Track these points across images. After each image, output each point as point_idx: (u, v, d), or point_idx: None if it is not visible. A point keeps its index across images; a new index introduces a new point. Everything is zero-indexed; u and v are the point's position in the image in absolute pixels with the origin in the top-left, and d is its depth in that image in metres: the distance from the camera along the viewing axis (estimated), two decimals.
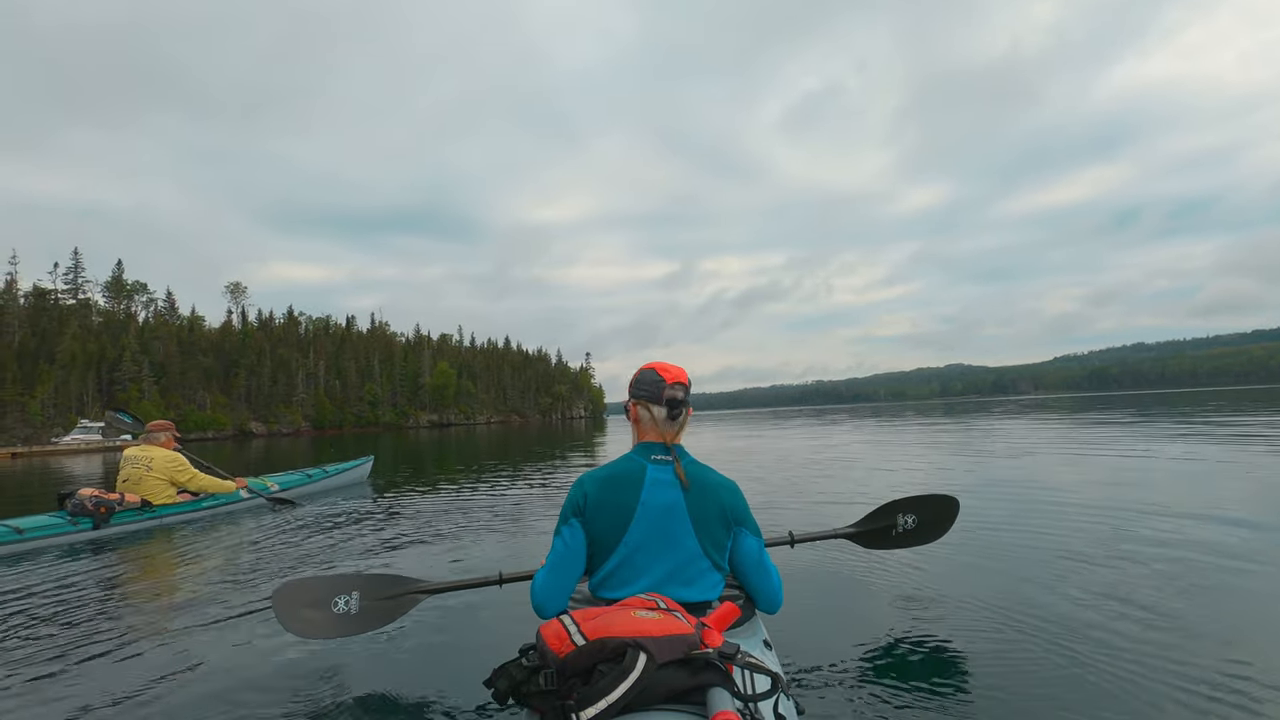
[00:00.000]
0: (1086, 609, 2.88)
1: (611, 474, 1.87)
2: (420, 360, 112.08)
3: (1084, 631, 2.62)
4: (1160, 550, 3.81)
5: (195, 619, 3.22)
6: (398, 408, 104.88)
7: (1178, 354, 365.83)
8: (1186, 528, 4.36)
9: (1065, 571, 3.46)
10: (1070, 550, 3.88)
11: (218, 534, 5.53)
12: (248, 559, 4.54)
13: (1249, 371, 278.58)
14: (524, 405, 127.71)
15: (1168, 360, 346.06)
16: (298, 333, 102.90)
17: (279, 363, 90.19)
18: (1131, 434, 13.10)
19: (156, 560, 4.81)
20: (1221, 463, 7.84)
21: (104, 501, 5.49)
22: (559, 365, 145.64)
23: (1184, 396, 50.06)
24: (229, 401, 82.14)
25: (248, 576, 4.04)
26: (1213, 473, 7.10)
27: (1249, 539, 4.03)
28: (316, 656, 2.62)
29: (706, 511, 1.83)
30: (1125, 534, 4.23)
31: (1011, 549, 3.99)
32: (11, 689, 2.47)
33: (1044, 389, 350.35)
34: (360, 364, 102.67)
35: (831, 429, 22.50)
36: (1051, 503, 5.56)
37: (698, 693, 1.28)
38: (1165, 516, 4.69)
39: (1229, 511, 4.82)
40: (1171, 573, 3.37)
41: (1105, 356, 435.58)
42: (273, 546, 4.94)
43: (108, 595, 3.81)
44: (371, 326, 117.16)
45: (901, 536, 3.05)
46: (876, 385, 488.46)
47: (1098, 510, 5.04)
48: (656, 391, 1.92)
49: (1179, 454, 8.86)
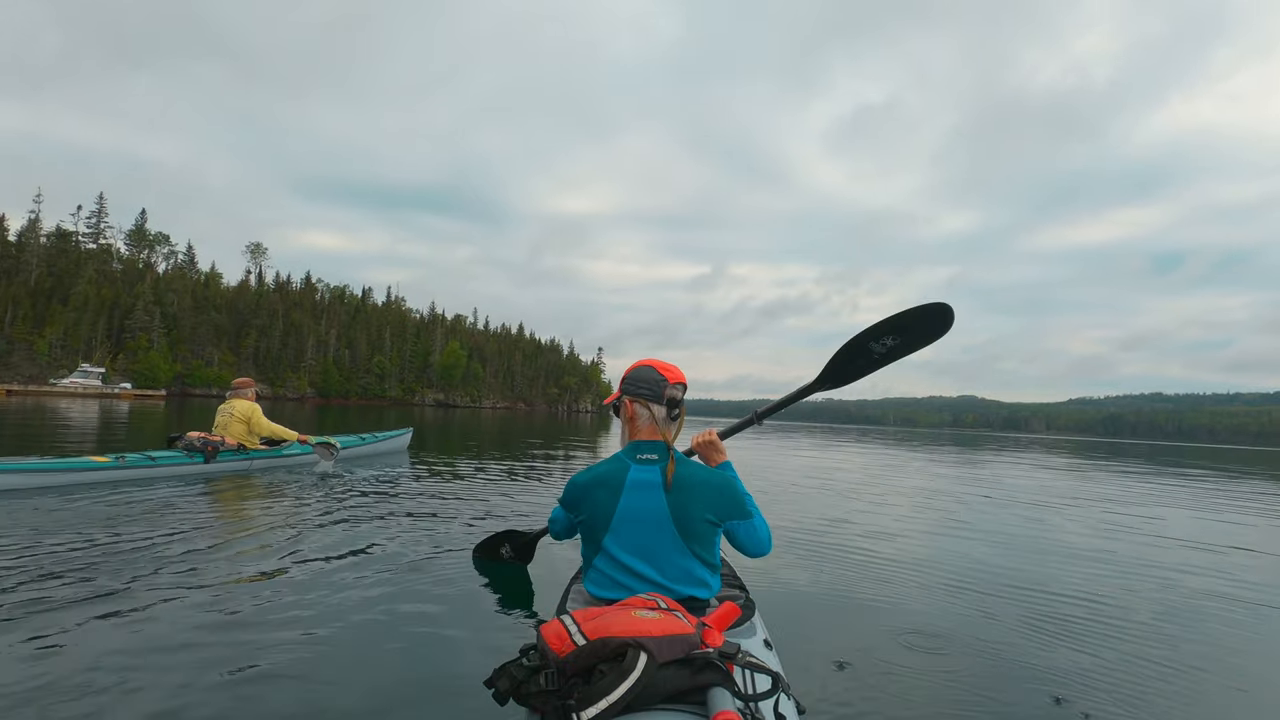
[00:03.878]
0: (1083, 608, 3.21)
1: (595, 476, 1.92)
2: (432, 338, 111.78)
3: (1082, 631, 2.88)
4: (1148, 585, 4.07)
5: (255, 556, 3.70)
6: (404, 383, 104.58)
7: (1196, 408, 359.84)
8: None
9: (1062, 578, 3.77)
10: (1070, 560, 4.31)
11: (295, 479, 6.67)
12: (310, 501, 5.47)
13: (1265, 432, 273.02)
14: (531, 393, 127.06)
15: (1185, 413, 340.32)
16: (313, 299, 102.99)
17: (291, 326, 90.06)
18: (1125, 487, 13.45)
19: (247, 493, 5.89)
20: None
21: (210, 441, 6.74)
22: (570, 357, 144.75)
23: (1194, 450, 51.86)
24: (237, 360, 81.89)
25: (317, 519, 4.71)
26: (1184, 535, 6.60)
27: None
28: (317, 654, 2.55)
29: (691, 511, 1.82)
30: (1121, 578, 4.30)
31: (1010, 561, 4.20)
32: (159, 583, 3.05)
33: (1055, 430, 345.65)
34: (372, 336, 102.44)
35: (835, 449, 22.02)
36: (1045, 538, 5.63)
37: (698, 692, 1.28)
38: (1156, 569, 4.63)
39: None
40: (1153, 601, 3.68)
41: (1122, 403, 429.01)
42: (333, 493, 5.92)
43: (217, 516, 4.81)
44: (387, 300, 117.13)
45: (881, 358, 2.57)
46: (887, 409, 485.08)
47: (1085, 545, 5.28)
48: (657, 390, 1.93)
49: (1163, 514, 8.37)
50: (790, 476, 10.25)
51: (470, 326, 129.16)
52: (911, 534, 5.00)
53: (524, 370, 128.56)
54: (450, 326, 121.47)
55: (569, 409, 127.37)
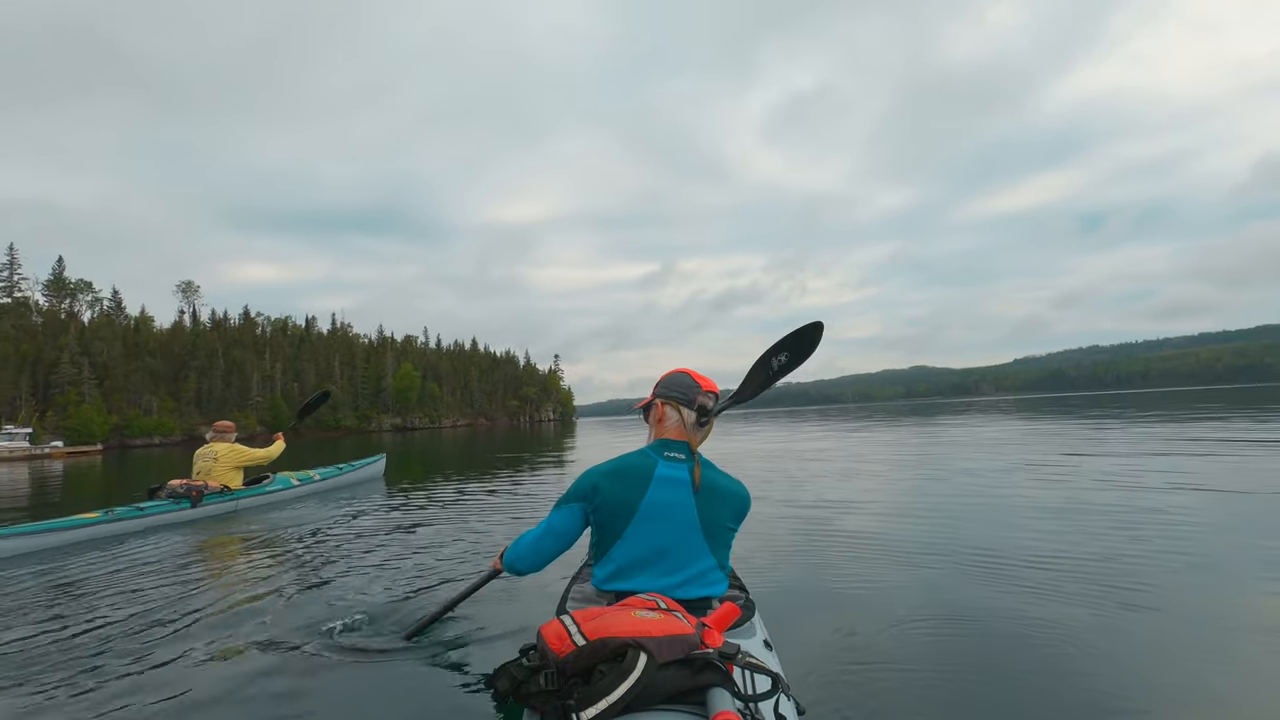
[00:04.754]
0: (1080, 608, 2.93)
1: (620, 467, 1.90)
2: (383, 362, 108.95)
3: (1079, 630, 2.66)
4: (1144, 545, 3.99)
5: (252, 581, 4.01)
6: (359, 411, 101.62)
7: (1130, 356, 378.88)
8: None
9: (1058, 574, 3.46)
10: (1055, 553, 3.93)
11: (282, 515, 6.90)
12: (303, 534, 5.66)
13: (1195, 373, 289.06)
14: (491, 408, 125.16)
15: (1120, 362, 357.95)
16: (254, 333, 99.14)
17: (233, 364, 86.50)
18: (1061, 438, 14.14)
19: (238, 532, 5.94)
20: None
21: (194, 487, 6.80)
22: (528, 367, 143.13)
23: (1129, 398, 53.29)
24: (177, 405, 78.27)
25: (301, 549, 4.99)
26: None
27: None
28: (319, 654, 2.66)
29: (716, 514, 1.85)
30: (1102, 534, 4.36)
31: (1005, 555, 3.94)
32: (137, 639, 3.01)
33: (1004, 390, 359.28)
34: (320, 366, 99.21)
35: (797, 431, 22.33)
36: (1029, 509, 5.43)
37: (698, 693, 1.28)
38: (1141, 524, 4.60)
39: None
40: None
41: (1063, 359, 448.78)
42: (321, 525, 6.10)
43: (204, 561, 4.86)
44: (333, 328, 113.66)
45: (777, 372, 2.68)
46: (844, 387, 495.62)
47: (1067, 513, 5.14)
48: (690, 395, 1.96)
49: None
50: (772, 465, 10.14)
51: (422, 347, 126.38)
52: (907, 528, 4.81)
53: (481, 385, 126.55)
54: (401, 349, 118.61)
55: (531, 419, 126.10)
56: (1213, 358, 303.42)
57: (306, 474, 8.67)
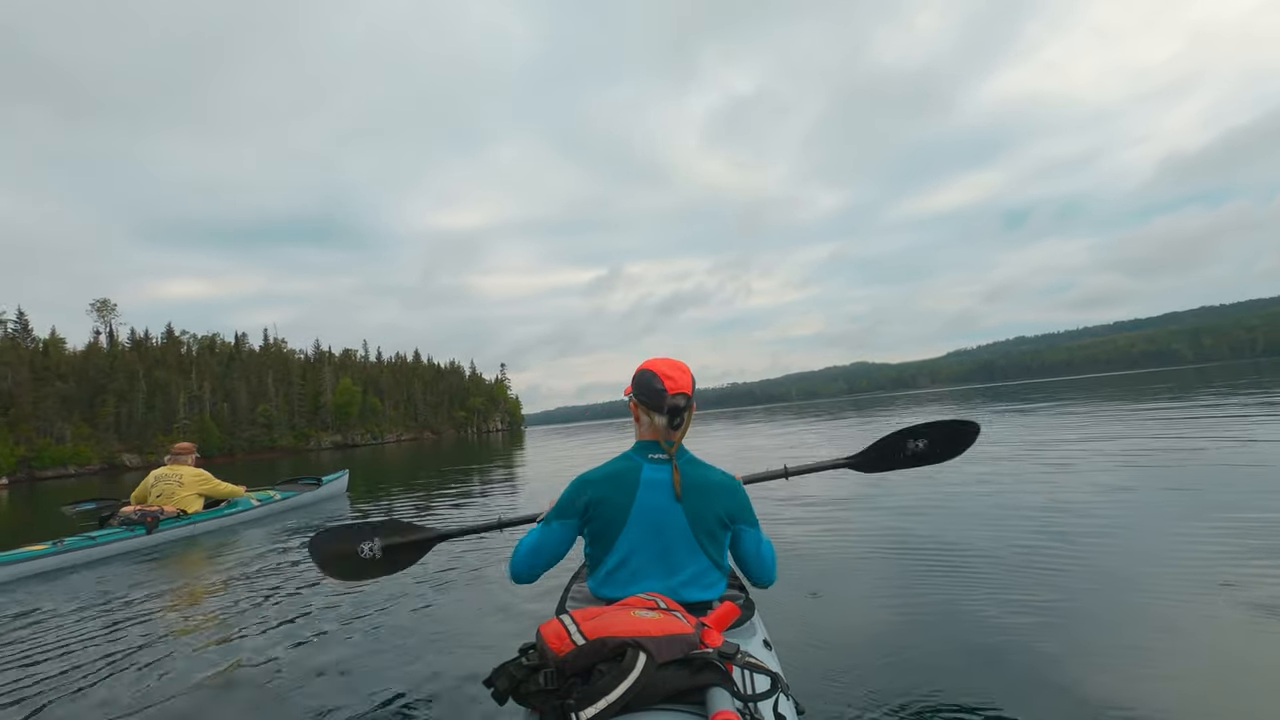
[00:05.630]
0: (1078, 604, 2.90)
1: (608, 474, 1.88)
2: (321, 378, 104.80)
3: (1077, 628, 2.64)
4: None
5: (225, 608, 3.86)
6: (296, 429, 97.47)
7: (1053, 346, 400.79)
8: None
9: (1058, 575, 3.36)
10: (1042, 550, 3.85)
11: (243, 538, 6.59)
12: (266, 557, 5.44)
13: (1112, 359, 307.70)
14: (436, 421, 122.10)
15: (1045, 352, 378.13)
16: (179, 352, 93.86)
17: (155, 386, 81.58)
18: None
19: (199, 559, 5.72)
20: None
21: (150, 513, 6.52)
22: (473, 377, 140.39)
23: (1051, 385, 56.69)
24: (94, 432, 73.26)
25: (269, 571, 4.82)
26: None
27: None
28: (318, 650, 2.71)
29: (704, 513, 1.82)
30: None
31: (1006, 555, 3.83)
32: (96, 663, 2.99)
33: (939, 383, 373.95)
34: (252, 384, 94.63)
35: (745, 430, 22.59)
36: (1002, 506, 5.30)
37: (697, 693, 1.28)
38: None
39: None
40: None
41: (992, 350, 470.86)
42: (285, 547, 5.89)
43: (166, 589, 4.59)
44: (266, 344, 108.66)
45: (910, 458, 2.80)
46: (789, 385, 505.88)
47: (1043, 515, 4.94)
48: (658, 401, 1.88)
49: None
50: (754, 467, 10.16)
51: (362, 360, 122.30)
52: (906, 528, 4.72)
53: (426, 398, 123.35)
54: (340, 363, 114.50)
55: (479, 430, 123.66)
56: (1127, 344, 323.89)
57: (267, 494, 8.36)
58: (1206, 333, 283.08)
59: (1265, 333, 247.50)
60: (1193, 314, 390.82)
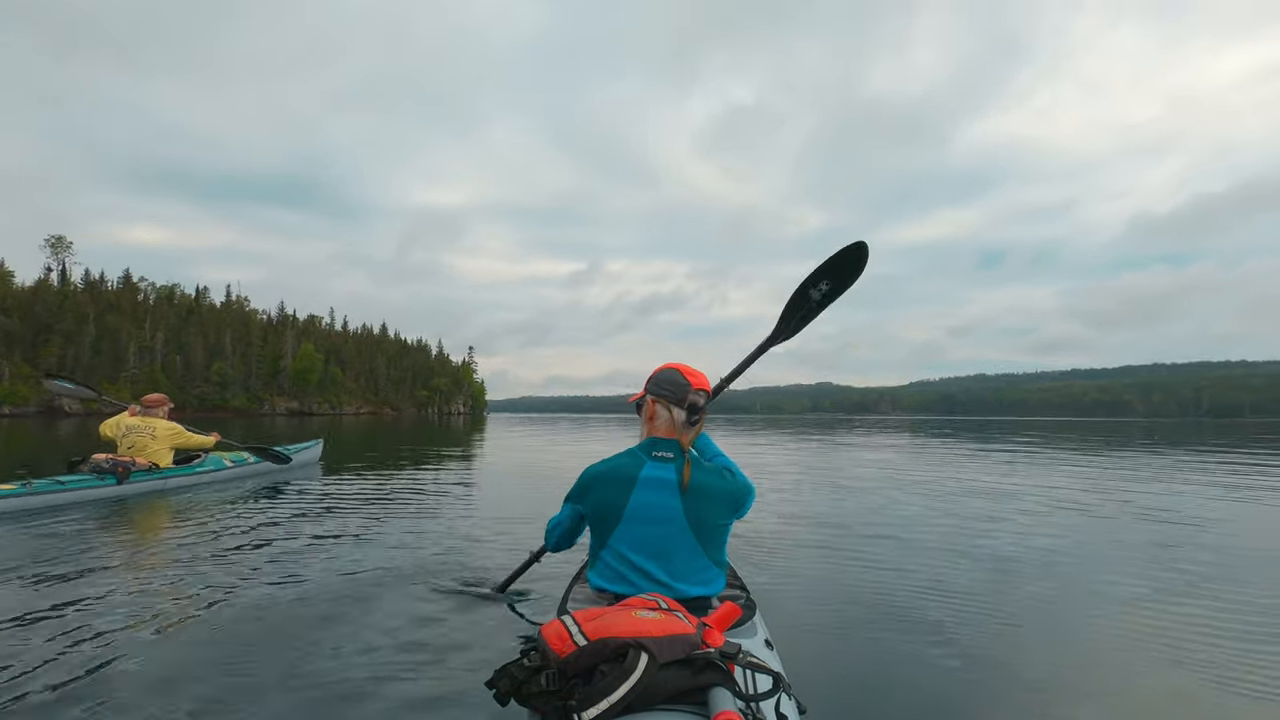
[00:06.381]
0: (1083, 608, 3.05)
1: (608, 470, 1.92)
2: (283, 341, 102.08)
3: (1076, 624, 2.80)
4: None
5: (202, 571, 3.62)
6: (251, 391, 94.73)
7: (1012, 385, 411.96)
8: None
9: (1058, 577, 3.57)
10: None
11: (216, 496, 6.54)
12: (241, 517, 5.35)
13: (1065, 404, 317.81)
14: (398, 397, 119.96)
15: (1004, 390, 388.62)
16: (135, 299, 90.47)
17: (106, 331, 78.41)
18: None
19: (169, 515, 5.50)
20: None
21: (121, 463, 6.34)
22: (440, 357, 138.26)
23: (1007, 423, 59.27)
24: (34, 373, 69.96)
25: (241, 532, 4.70)
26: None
27: None
28: (314, 647, 2.59)
29: (706, 512, 1.85)
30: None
31: (996, 554, 4.02)
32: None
33: (901, 410, 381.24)
34: (209, 340, 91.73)
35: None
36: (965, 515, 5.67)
37: (699, 693, 1.28)
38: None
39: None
40: None
41: (954, 384, 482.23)
42: (260, 509, 5.82)
43: (137, 541, 4.54)
44: (227, 300, 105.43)
45: (820, 303, 2.68)
46: (754, 399, 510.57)
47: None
48: (680, 394, 1.94)
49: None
50: (769, 472, 10.08)
51: (327, 328, 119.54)
52: (907, 530, 4.87)
53: (389, 373, 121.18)
54: (303, 328, 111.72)
55: (440, 412, 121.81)
56: (1081, 392, 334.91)
57: (240, 455, 8.31)
58: (1158, 388, 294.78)
59: (1211, 394, 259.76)
60: (1147, 369, 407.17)
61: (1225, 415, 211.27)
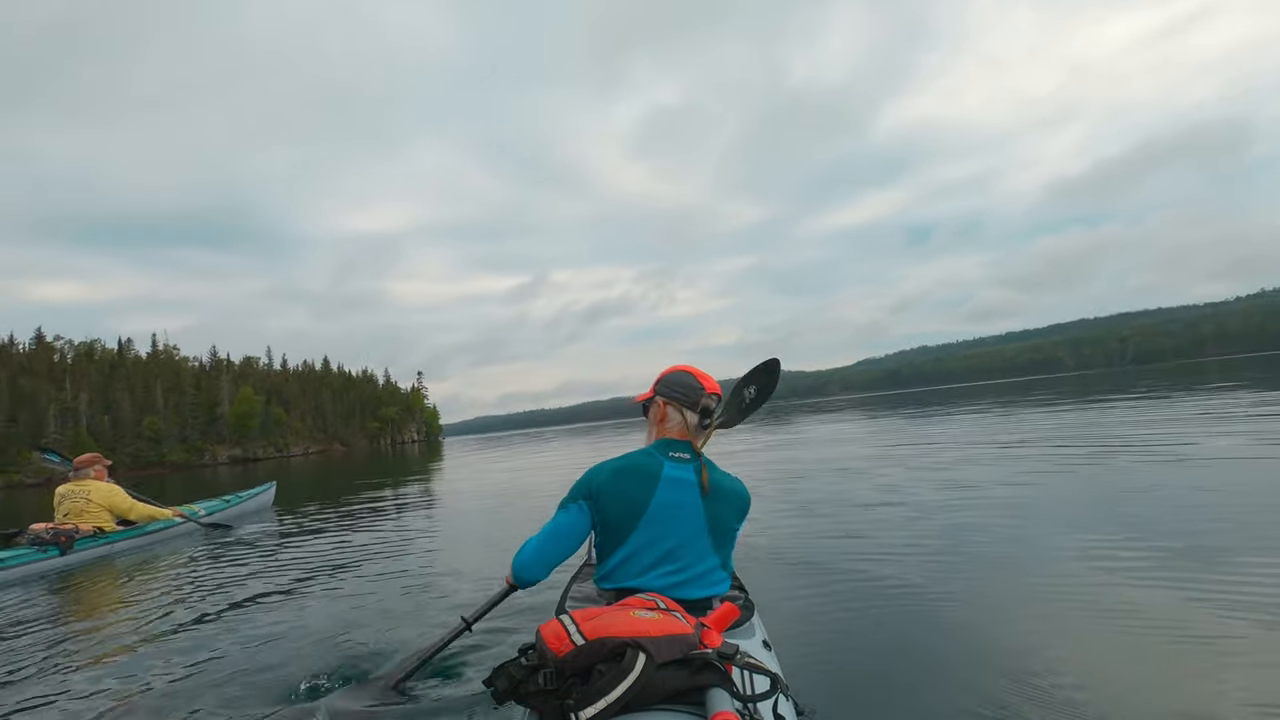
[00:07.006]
0: (1089, 608, 2.85)
1: (627, 466, 1.86)
2: (218, 388, 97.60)
3: (1088, 631, 2.62)
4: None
5: (164, 633, 3.52)
6: (189, 443, 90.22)
7: (952, 355, 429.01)
8: None
9: (1058, 576, 3.36)
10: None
11: (167, 558, 6.07)
12: (199, 578, 5.00)
13: (1002, 368, 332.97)
14: (347, 432, 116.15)
15: (945, 360, 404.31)
16: (50, 359, 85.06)
17: (21, 397, 73.39)
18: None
19: (118, 582, 5.15)
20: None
21: (63, 531, 5.98)
22: (388, 386, 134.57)
23: (953, 392, 60.54)
24: None
25: (202, 595, 4.39)
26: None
27: None
28: (308, 651, 2.65)
29: (722, 515, 1.86)
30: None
31: (990, 550, 3.88)
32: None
33: (850, 390, 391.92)
34: (138, 395, 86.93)
35: None
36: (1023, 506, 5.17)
37: (697, 693, 1.28)
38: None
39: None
40: None
41: (898, 359, 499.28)
42: (218, 567, 5.46)
43: (82, 613, 4.26)
44: (154, 351, 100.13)
45: (750, 405, 2.68)
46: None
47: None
48: (693, 397, 1.93)
49: None
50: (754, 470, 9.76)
51: (265, 369, 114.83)
52: (907, 530, 4.61)
53: (335, 408, 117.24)
54: (239, 371, 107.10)
55: (393, 441, 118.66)
56: (1016, 354, 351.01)
57: (191, 508, 7.96)
58: (1086, 343, 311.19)
59: (1135, 343, 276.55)
60: (1074, 325, 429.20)
61: (1149, 361, 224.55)
